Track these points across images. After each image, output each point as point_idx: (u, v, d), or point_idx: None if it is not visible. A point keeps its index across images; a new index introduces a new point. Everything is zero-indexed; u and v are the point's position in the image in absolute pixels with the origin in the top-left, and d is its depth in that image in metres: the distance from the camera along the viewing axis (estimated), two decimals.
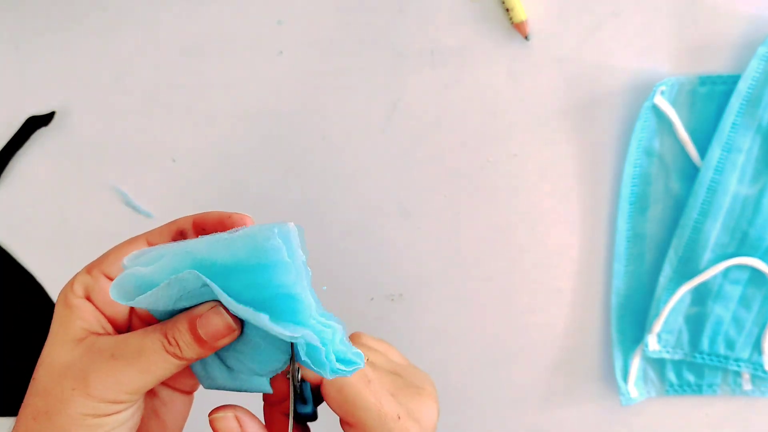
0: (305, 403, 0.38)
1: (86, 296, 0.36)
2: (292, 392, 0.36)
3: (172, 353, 0.34)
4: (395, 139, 0.56)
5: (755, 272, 0.52)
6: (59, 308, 0.36)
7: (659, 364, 0.56)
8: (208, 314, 0.34)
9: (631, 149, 0.53)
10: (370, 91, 0.55)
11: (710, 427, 0.56)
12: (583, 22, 0.52)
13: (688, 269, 0.53)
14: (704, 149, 0.51)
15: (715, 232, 0.52)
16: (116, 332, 0.37)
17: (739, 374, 0.55)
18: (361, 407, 0.36)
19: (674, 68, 0.52)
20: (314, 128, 0.56)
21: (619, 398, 0.55)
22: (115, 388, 0.33)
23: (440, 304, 0.57)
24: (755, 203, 0.51)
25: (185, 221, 0.38)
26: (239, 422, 0.35)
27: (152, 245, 0.37)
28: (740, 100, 0.50)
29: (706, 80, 0.51)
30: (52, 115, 0.58)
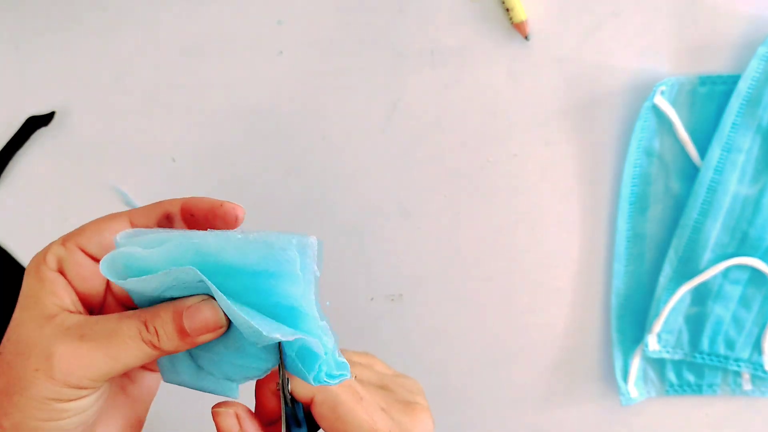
0: (299, 425, 0.37)
1: (59, 269, 0.35)
2: (283, 403, 0.36)
3: (148, 341, 0.33)
4: (395, 139, 0.56)
5: (755, 272, 0.52)
6: (30, 280, 0.35)
7: (659, 364, 0.56)
8: (198, 306, 0.33)
9: (631, 149, 0.53)
10: (370, 91, 0.55)
11: (710, 427, 0.56)
12: (583, 22, 0.52)
13: (688, 269, 0.53)
14: (704, 149, 0.51)
15: (715, 232, 0.52)
16: (87, 311, 0.36)
17: (739, 374, 0.55)
18: (353, 425, 0.36)
19: (674, 68, 0.52)
20: (314, 128, 0.56)
21: (619, 398, 0.55)
22: (78, 372, 0.32)
23: (440, 304, 0.57)
24: (755, 203, 0.51)
25: (172, 205, 0.37)
26: (239, 420, 0.35)
27: (135, 225, 0.36)
28: (740, 100, 0.50)
29: (706, 80, 0.51)
30: (52, 115, 0.58)
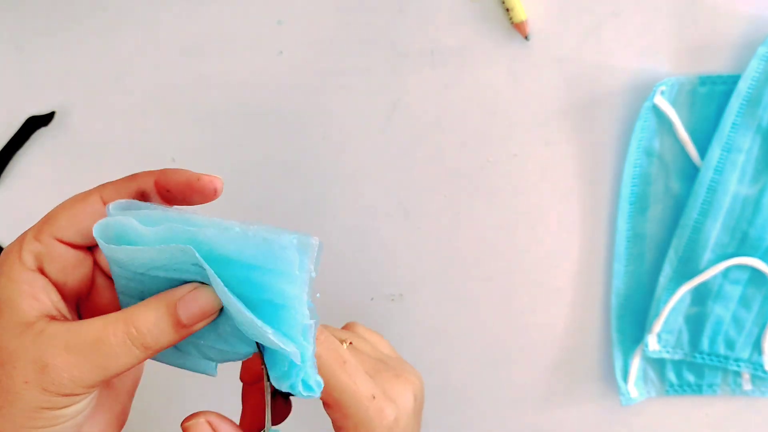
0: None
1: (38, 267, 0.34)
2: (267, 394, 0.35)
3: (139, 345, 0.32)
4: (395, 139, 0.56)
5: (755, 272, 0.52)
6: (5, 282, 0.33)
7: (659, 364, 0.56)
8: (193, 294, 0.32)
9: (631, 149, 0.53)
10: (370, 91, 0.55)
11: (710, 427, 0.56)
12: (583, 22, 0.52)
13: (688, 269, 0.53)
14: (704, 149, 0.51)
15: (715, 232, 0.52)
16: (75, 301, 0.35)
17: (739, 374, 0.55)
18: (335, 388, 0.36)
19: (674, 68, 0.52)
20: (314, 128, 0.56)
21: (619, 398, 0.55)
22: (71, 384, 0.31)
23: (440, 304, 0.57)
24: (755, 203, 0.51)
25: (145, 181, 0.35)
26: (212, 426, 0.35)
27: (107, 202, 0.35)
28: (740, 100, 0.50)
29: (706, 80, 0.51)
30: (52, 115, 0.58)
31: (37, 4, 0.58)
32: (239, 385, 0.41)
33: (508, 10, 0.52)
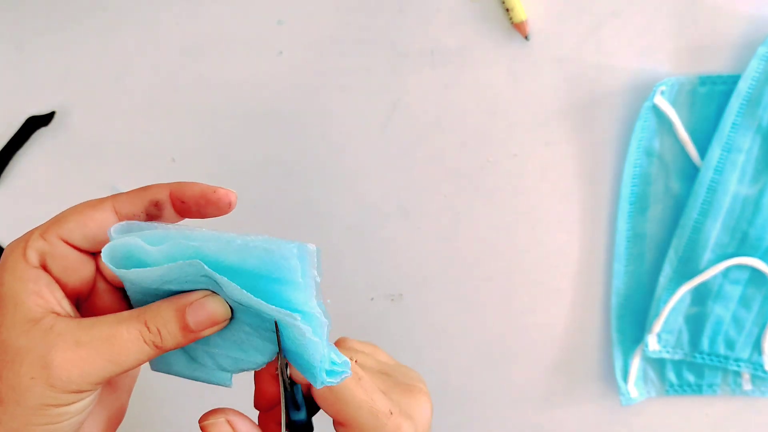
0: (298, 408, 0.37)
1: (42, 264, 0.34)
2: (282, 389, 0.36)
3: (150, 342, 0.32)
4: (395, 139, 0.56)
5: (755, 272, 0.52)
6: (9, 279, 0.33)
7: (659, 364, 0.56)
8: (202, 301, 0.33)
9: (631, 149, 0.53)
10: (370, 91, 0.55)
11: (710, 427, 0.56)
12: (583, 22, 0.52)
13: (688, 269, 0.53)
14: (704, 149, 0.51)
15: (715, 232, 0.52)
16: (74, 302, 0.35)
17: (739, 374, 0.55)
18: (352, 405, 0.35)
19: (674, 68, 0.52)
20: (314, 128, 0.56)
21: (619, 398, 0.55)
22: (79, 379, 0.32)
23: (440, 304, 0.57)
24: (755, 203, 0.51)
25: (160, 191, 0.36)
26: (231, 425, 0.35)
27: (120, 213, 0.35)
28: (740, 100, 0.50)
29: (706, 80, 0.51)
30: (52, 115, 0.58)
31: (37, 4, 0.58)
32: (248, 380, 0.41)
33: (508, 10, 0.52)
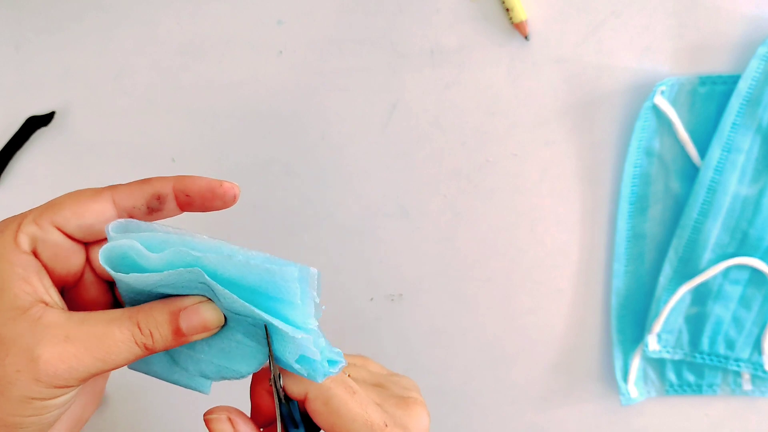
0: (296, 426, 0.37)
1: (32, 250, 0.33)
2: (276, 399, 0.36)
3: (141, 344, 0.32)
4: (395, 139, 0.56)
5: (755, 272, 0.52)
6: None
7: (659, 364, 0.56)
8: (197, 307, 0.33)
9: (631, 149, 0.53)
10: (370, 91, 0.55)
11: (710, 427, 0.56)
12: (583, 22, 0.52)
13: (688, 269, 0.53)
14: (704, 149, 0.51)
15: (715, 232, 0.52)
16: (60, 289, 0.35)
17: (739, 374, 0.55)
18: (347, 418, 0.35)
19: (674, 68, 0.52)
20: (314, 128, 0.56)
21: (619, 398, 0.55)
22: (66, 375, 0.31)
23: (440, 304, 0.57)
24: (755, 203, 0.51)
25: (163, 184, 0.35)
26: (232, 424, 0.35)
27: (119, 206, 0.35)
28: (740, 100, 0.50)
29: (706, 80, 0.51)
30: (52, 115, 0.58)
31: (36, 4, 0.58)
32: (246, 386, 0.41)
33: (508, 10, 0.52)
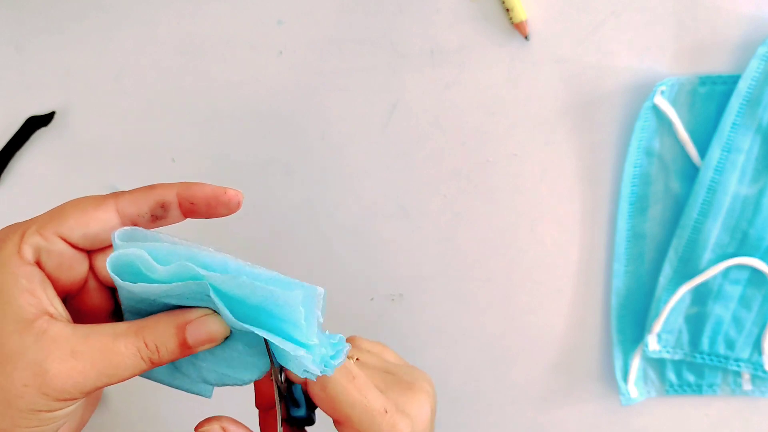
0: (298, 406, 0.37)
1: (36, 261, 0.33)
2: (277, 395, 0.36)
3: (147, 359, 0.32)
4: (395, 139, 0.56)
5: (755, 272, 0.52)
6: (1, 274, 0.32)
7: (659, 364, 0.56)
8: (204, 320, 0.33)
9: (631, 149, 0.53)
10: (370, 91, 0.55)
11: (710, 427, 0.56)
12: (583, 22, 0.52)
13: (688, 269, 0.53)
14: (704, 149, 0.51)
15: (715, 232, 0.52)
16: (63, 297, 0.34)
17: (739, 374, 0.55)
18: (346, 403, 0.35)
19: (674, 68, 0.52)
20: (314, 128, 0.56)
21: (619, 398, 0.55)
22: (72, 389, 0.31)
23: (440, 304, 0.57)
24: (755, 203, 0.51)
25: (167, 192, 0.35)
26: None
27: (123, 214, 0.35)
28: (740, 100, 0.50)
29: (706, 80, 0.51)
30: (52, 115, 0.58)
31: (36, 4, 0.57)
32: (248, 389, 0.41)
33: (508, 10, 0.52)
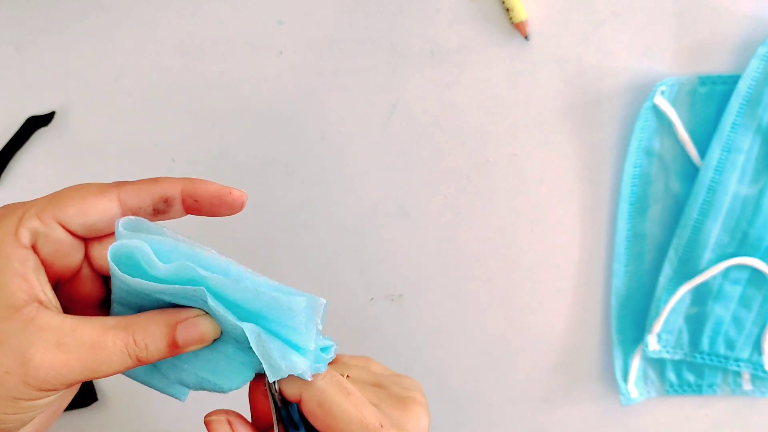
0: (296, 428, 0.37)
1: (32, 244, 0.32)
2: (272, 402, 0.36)
3: (134, 356, 0.32)
4: (395, 139, 0.56)
5: (755, 272, 0.52)
6: None
7: (659, 364, 0.56)
8: (195, 321, 0.33)
9: (631, 149, 0.53)
10: (370, 91, 0.55)
11: (710, 427, 0.56)
12: (583, 22, 0.52)
13: (688, 269, 0.53)
14: (704, 149, 0.51)
15: (715, 232, 0.52)
16: (54, 282, 0.34)
17: (739, 374, 0.55)
18: (342, 419, 0.35)
19: (674, 68, 0.52)
20: (314, 128, 0.56)
21: (619, 398, 0.55)
22: (54, 380, 0.31)
23: (440, 304, 0.57)
24: (755, 203, 0.51)
25: (172, 186, 0.35)
26: (231, 426, 0.35)
27: (125, 205, 0.34)
28: (740, 100, 0.50)
29: (706, 80, 0.51)
30: (52, 115, 0.58)
31: (36, 4, 0.57)
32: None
33: (508, 10, 0.52)
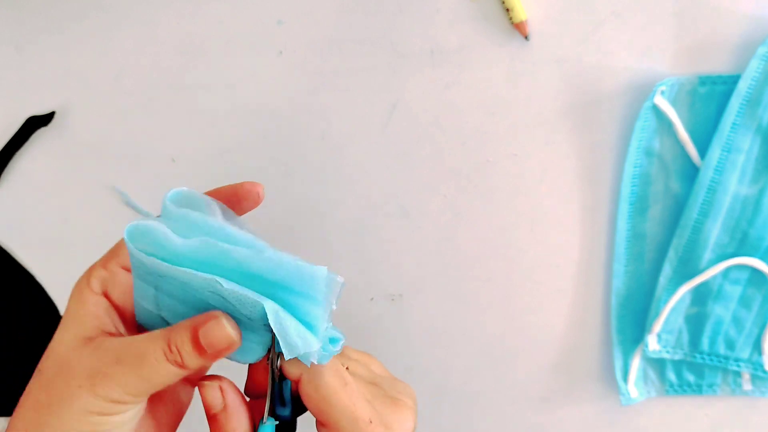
0: (284, 405, 0.38)
1: (103, 292, 0.37)
2: (270, 377, 0.37)
3: (173, 361, 0.34)
4: (395, 139, 0.56)
5: (755, 272, 0.52)
6: (73, 303, 0.37)
7: (659, 364, 0.56)
8: (212, 324, 0.34)
9: (631, 149, 0.53)
10: (370, 91, 0.55)
11: (710, 427, 0.56)
12: (583, 22, 0.52)
13: (688, 269, 0.53)
14: (704, 149, 0.51)
15: (715, 232, 0.52)
16: (126, 326, 0.38)
17: (739, 374, 0.55)
18: (335, 407, 0.37)
19: (674, 68, 0.52)
20: (314, 128, 0.56)
21: (619, 398, 0.55)
22: (118, 390, 0.34)
23: (440, 304, 0.57)
24: (755, 203, 0.51)
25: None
26: (222, 392, 0.37)
27: None
28: (740, 100, 0.50)
29: (706, 80, 0.51)
30: (52, 115, 0.58)
31: (36, 4, 0.58)
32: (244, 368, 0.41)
33: (508, 10, 0.52)
